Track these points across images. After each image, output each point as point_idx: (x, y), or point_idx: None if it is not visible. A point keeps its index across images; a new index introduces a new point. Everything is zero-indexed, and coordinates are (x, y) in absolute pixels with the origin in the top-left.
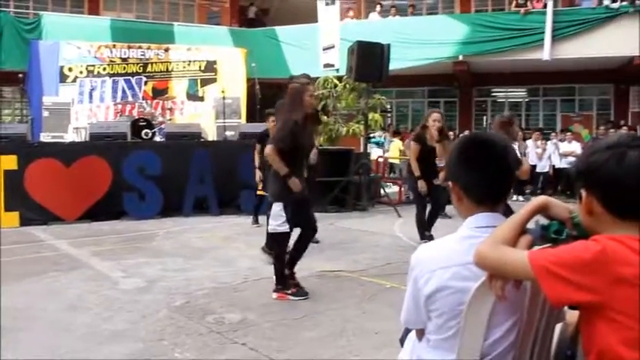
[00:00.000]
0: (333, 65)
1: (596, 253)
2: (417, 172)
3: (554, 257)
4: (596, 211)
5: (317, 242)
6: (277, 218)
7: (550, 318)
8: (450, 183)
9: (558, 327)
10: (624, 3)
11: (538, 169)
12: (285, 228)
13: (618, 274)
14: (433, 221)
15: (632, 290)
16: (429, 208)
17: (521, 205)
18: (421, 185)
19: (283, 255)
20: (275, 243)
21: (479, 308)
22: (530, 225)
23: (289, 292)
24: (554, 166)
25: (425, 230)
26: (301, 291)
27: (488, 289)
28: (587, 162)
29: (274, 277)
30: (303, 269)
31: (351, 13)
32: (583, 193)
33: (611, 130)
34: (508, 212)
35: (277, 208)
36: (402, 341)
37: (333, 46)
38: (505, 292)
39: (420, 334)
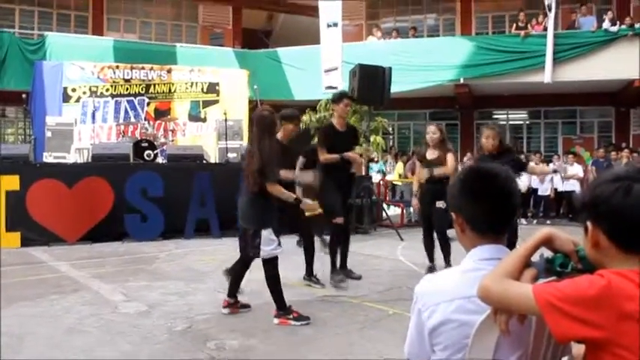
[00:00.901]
0: (336, 88)
1: (602, 288)
2: (414, 188)
3: (560, 292)
4: (603, 244)
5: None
6: (270, 243)
7: (556, 352)
8: (452, 214)
9: None
10: (623, 26)
11: (540, 192)
12: (280, 250)
13: (623, 309)
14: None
15: (636, 326)
16: None
17: (523, 229)
18: (414, 203)
19: (279, 279)
20: (271, 268)
21: (484, 342)
22: (535, 257)
23: (291, 317)
24: (556, 189)
25: (431, 254)
26: (302, 316)
27: (493, 323)
28: (593, 194)
29: (275, 302)
30: (306, 294)
31: (379, 34)
32: (589, 225)
33: (613, 153)
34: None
35: (266, 233)
36: None
37: (336, 68)
38: (509, 326)
39: None
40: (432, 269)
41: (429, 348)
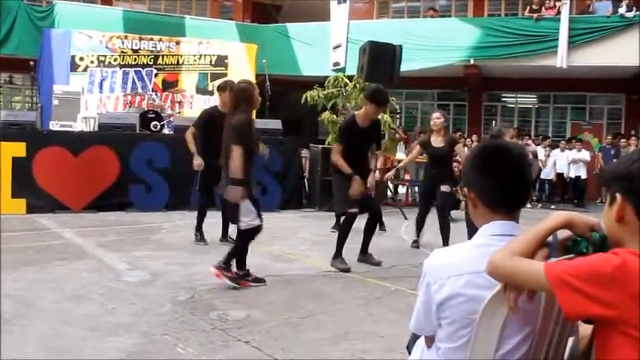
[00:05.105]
0: (339, 64)
1: (616, 266)
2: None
3: (572, 269)
4: (628, 218)
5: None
6: (248, 214)
7: (563, 331)
8: (465, 189)
9: (571, 340)
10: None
11: (543, 176)
12: (258, 222)
13: (637, 289)
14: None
15: None
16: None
17: (528, 213)
18: (388, 175)
19: (246, 250)
20: (246, 236)
21: (492, 318)
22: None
23: (228, 274)
24: (560, 173)
25: (419, 230)
26: (235, 279)
27: (501, 299)
28: (628, 169)
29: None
30: (310, 268)
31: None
32: (618, 198)
33: (622, 141)
34: None
35: (246, 205)
36: (409, 347)
37: (340, 45)
38: (518, 303)
39: (430, 341)
40: (416, 242)
41: (435, 322)
